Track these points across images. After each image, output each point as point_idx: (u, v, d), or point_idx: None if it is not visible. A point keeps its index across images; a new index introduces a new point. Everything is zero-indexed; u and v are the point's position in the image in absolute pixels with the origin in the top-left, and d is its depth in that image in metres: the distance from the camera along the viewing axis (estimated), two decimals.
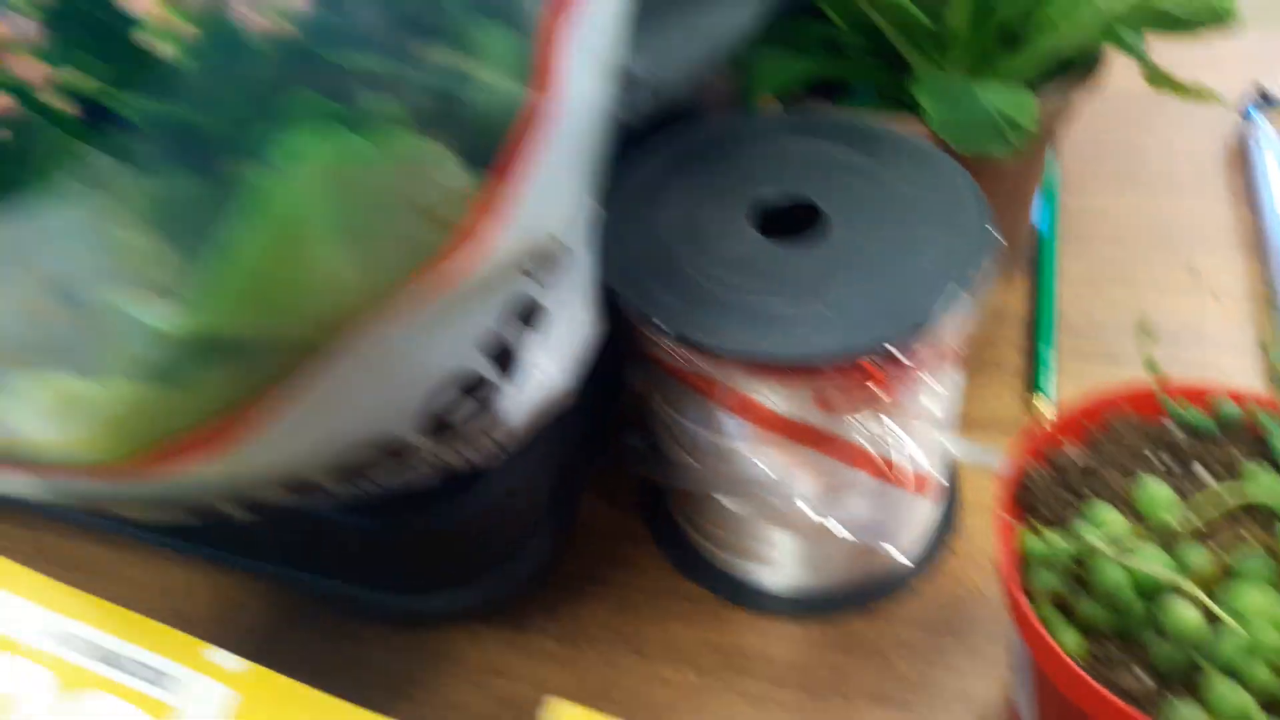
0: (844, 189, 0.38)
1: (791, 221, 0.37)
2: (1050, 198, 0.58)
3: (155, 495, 0.25)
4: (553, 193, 0.26)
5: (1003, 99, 0.42)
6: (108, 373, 0.21)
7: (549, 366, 0.31)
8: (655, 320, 0.34)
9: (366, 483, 0.30)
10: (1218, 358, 0.49)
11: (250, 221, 0.20)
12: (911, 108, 0.43)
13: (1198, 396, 0.33)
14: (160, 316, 0.20)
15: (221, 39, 0.20)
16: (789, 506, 0.37)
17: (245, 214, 0.20)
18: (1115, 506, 0.30)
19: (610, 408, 0.45)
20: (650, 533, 0.44)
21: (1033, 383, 0.48)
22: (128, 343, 0.20)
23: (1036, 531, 0.30)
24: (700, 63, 0.40)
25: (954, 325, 0.34)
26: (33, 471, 0.24)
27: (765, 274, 0.35)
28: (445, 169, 0.23)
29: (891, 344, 0.32)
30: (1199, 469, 0.31)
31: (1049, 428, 0.32)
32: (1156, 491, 0.29)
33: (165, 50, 0.20)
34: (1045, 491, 0.31)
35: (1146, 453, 0.31)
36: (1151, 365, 0.33)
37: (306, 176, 0.21)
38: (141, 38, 0.20)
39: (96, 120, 0.20)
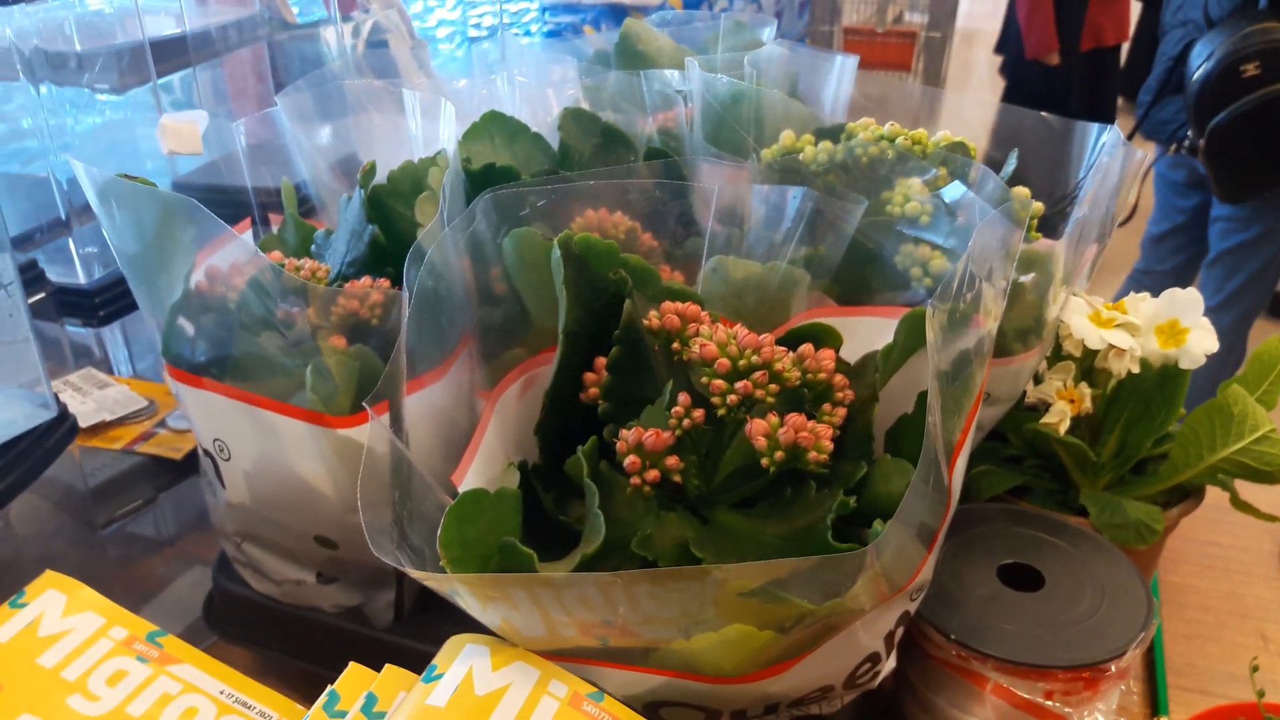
0: (1052, 559, 0.60)
1: (1022, 577, 0.59)
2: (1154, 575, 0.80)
3: (728, 698, 0.46)
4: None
5: (1142, 511, 0.65)
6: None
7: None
8: (944, 630, 0.55)
9: (801, 706, 0.51)
10: None
11: None
12: (1074, 508, 0.66)
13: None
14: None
15: None
16: None
17: None
18: None
19: None
20: None
21: (1156, 708, 0.68)
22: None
23: None
24: None
25: (1131, 657, 0.55)
26: (680, 679, 0.45)
27: (1008, 609, 0.57)
28: None
29: (1099, 663, 0.53)
30: None
31: None
32: None
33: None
34: None
35: None
36: (1260, 693, 0.53)
37: None
38: None
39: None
